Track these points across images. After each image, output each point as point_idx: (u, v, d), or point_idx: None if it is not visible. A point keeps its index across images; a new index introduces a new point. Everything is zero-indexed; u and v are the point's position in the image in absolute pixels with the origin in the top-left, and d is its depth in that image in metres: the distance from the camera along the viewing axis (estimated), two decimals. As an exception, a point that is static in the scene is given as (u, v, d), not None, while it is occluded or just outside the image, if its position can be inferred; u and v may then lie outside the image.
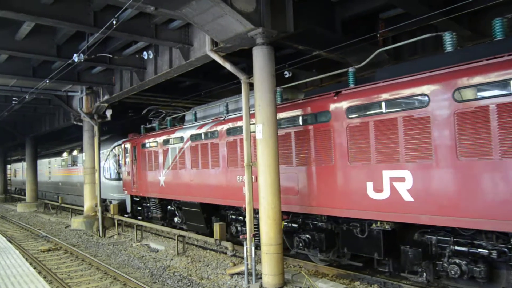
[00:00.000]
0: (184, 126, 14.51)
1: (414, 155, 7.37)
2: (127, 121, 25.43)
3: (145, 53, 12.53)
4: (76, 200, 26.89)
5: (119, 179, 20.80)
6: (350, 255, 9.30)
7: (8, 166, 47.70)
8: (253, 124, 9.12)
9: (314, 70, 14.19)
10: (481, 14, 10.94)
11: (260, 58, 8.68)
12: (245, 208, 9.75)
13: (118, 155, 21.14)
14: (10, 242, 13.24)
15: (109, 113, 18.16)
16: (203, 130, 13.01)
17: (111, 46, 13.04)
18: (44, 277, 10.22)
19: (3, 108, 22.33)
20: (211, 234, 12.36)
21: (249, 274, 9.17)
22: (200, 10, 8.22)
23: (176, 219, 15.52)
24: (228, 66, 9.69)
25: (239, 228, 12.24)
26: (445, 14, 9.50)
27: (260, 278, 8.89)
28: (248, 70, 9.99)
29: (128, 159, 18.54)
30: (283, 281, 8.69)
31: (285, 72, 11.98)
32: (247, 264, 9.20)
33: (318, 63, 13.26)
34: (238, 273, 9.90)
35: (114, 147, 21.69)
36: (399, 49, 12.39)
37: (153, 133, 16.47)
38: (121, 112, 23.02)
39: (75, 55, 11.45)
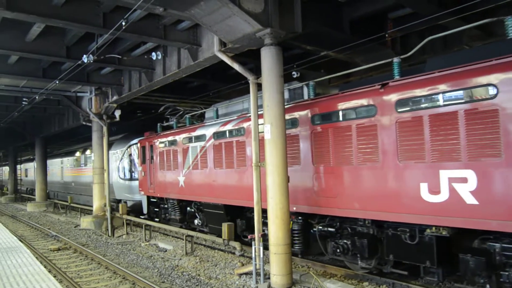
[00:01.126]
0: (206, 124, 13.84)
1: (478, 152, 6.56)
2: (139, 120, 25.27)
3: (153, 53, 12.60)
4: (89, 201, 26.18)
5: (135, 179, 20.20)
6: (393, 263, 8.46)
7: (20, 166, 48.06)
8: (262, 124, 8.95)
9: (322, 71, 14.18)
10: (490, 13, 10.85)
11: (268, 59, 8.69)
12: None
13: (130, 155, 20.76)
14: (21, 241, 13.37)
15: (118, 113, 18.27)
16: (227, 127, 12.33)
17: (120, 47, 13.14)
18: (54, 276, 10.30)
19: (13, 109, 22.57)
20: (235, 237, 11.99)
21: (257, 274, 9.17)
22: (208, 10, 8.25)
23: (196, 221, 14.97)
24: (236, 66, 9.72)
25: (266, 231, 11.61)
26: (454, 13, 9.44)
27: (268, 278, 8.90)
28: (256, 71, 10.01)
29: (145, 159, 17.94)
30: (291, 281, 8.69)
31: (293, 73, 11.97)
32: (255, 264, 9.19)
33: (326, 64, 13.24)
34: (246, 273, 9.91)
35: (129, 146, 21.11)
36: (408, 49, 12.31)
37: (172, 131, 15.89)
38: (130, 113, 23.15)
39: (84, 56, 11.54)
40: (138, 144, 18.89)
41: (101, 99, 18.23)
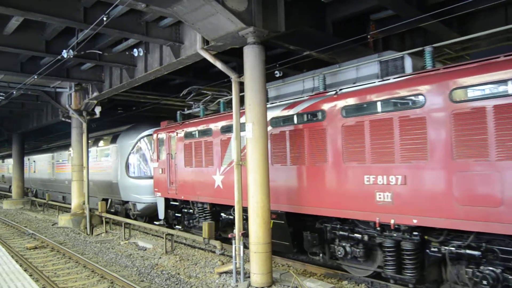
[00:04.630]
0: None
1: None
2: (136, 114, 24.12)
3: (135, 50, 12.44)
4: (91, 201, 21.12)
5: (146, 177, 17.48)
6: None
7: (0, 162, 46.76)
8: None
9: (304, 70, 14.28)
10: (469, 17, 11.10)
11: (251, 57, 8.69)
12: (378, 223, 7.83)
13: (141, 149, 18.18)
14: (-4, 239, 13.11)
15: (98, 110, 18.00)
16: (293, 110, 9.70)
17: (101, 43, 12.94)
18: (30, 275, 10.11)
19: (-11, 104, 22.04)
20: (301, 252, 10.27)
21: (238, 273, 9.17)
22: (191, 8, 8.21)
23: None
24: (218, 64, 9.70)
25: (348, 248, 8.70)
26: (434, 17, 9.62)
27: (249, 277, 8.91)
28: (239, 69, 10.01)
29: (162, 153, 15.23)
30: (271, 280, 8.72)
31: (276, 72, 12.01)
32: (236, 263, 9.21)
33: (309, 63, 13.34)
34: (226, 272, 9.90)
35: (141, 139, 18.18)
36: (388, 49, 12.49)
37: (204, 119, 13.24)
38: (110, 109, 22.84)
39: (64, 51, 11.36)
40: (154, 136, 15.98)
41: (81, 95, 17.94)
